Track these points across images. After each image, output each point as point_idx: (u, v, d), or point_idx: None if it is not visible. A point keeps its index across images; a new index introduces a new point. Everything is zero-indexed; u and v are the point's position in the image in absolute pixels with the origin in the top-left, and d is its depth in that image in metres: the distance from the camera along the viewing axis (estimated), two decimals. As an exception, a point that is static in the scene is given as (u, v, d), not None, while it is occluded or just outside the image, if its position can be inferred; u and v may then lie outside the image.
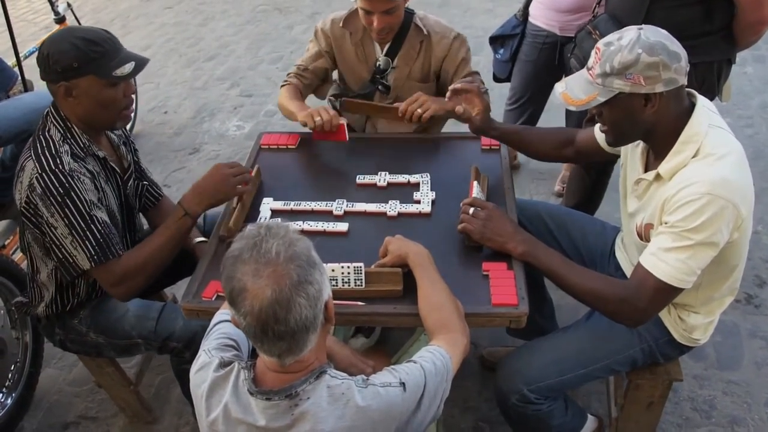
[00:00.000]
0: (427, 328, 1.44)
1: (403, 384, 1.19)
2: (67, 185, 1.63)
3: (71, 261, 1.68)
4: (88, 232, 1.65)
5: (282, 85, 2.32)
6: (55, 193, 1.63)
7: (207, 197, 1.79)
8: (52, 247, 1.69)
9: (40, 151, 1.66)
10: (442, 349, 1.31)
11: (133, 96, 1.79)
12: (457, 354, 1.34)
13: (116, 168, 1.84)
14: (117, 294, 1.76)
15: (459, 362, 1.35)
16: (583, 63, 2.20)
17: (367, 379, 1.19)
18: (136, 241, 1.96)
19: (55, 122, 1.72)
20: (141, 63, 1.73)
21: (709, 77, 2.13)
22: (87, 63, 1.63)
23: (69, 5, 3.54)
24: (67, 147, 1.69)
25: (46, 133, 1.71)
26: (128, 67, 1.69)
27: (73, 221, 1.64)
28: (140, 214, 2.09)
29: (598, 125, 1.74)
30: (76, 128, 1.73)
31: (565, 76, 2.30)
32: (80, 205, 1.65)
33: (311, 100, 2.37)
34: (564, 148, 1.92)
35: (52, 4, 3.46)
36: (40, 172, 1.63)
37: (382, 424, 1.15)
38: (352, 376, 1.19)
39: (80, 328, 1.90)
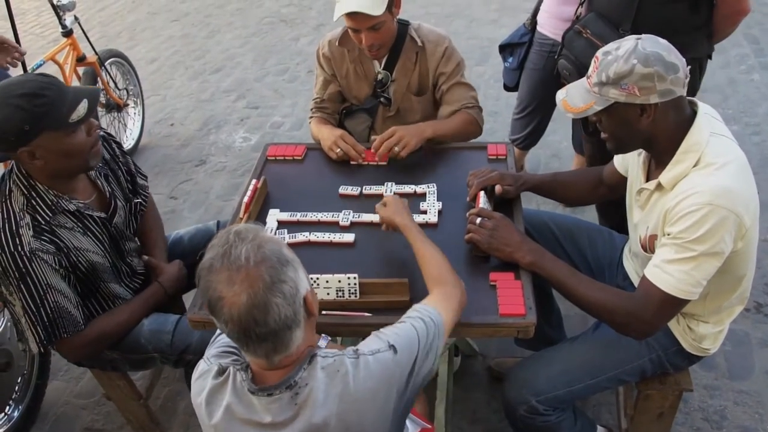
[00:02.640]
0: (425, 281, 1.49)
1: (392, 347, 1.21)
2: (23, 269, 1.60)
3: (27, 336, 1.71)
4: (38, 317, 1.65)
5: (309, 121, 2.38)
6: (12, 276, 1.61)
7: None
8: (16, 318, 1.72)
9: (0, 225, 1.62)
10: (430, 307, 1.34)
11: (98, 131, 1.69)
12: (452, 307, 1.38)
13: (94, 214, 1.76)
14: (74, 361, 1.88)
15: (455, 316, 1.39)
16: (574, 63, 2.19)
17: (357, 350, 1.21)
18: (129, 264, 1.93)
19: (18, 183, 1.65)
20: (93, 97, 1.60)
21: (692, 74, 2.13)
22: (38, 121, 1.50)
23: (76, 19, 3.56)
24: (28, 219, 1.62)
25: (8, 202, 1.64)
26: (82, 108, 1.56)
27: (26, 304, 1.64)
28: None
29: (614, 159, 1.79)
30: (41, 186, 1.64)
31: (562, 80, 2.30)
32: (34, 290, 1.63)
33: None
34: (597, 188, 1.92)
35: (59, 18, 3.48)
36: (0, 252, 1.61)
37: (381, 392, 1.18)
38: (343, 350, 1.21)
39: None
